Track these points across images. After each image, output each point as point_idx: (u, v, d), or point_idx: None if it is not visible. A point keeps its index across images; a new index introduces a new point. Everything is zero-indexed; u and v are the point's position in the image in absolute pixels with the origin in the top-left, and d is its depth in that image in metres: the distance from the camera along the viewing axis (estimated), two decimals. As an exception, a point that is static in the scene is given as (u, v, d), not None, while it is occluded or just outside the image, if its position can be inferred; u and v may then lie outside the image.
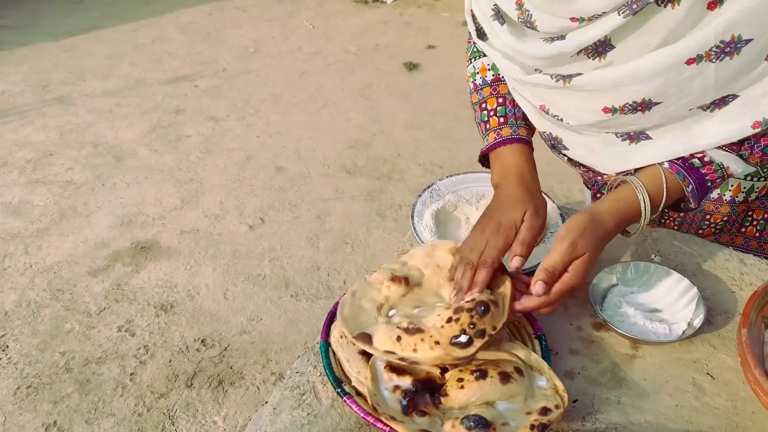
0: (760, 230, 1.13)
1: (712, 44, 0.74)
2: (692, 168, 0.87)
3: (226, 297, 2.55)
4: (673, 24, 0.74)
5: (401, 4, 6.16)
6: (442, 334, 0.80)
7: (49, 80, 4.56)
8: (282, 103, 4.23)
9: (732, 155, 0.87)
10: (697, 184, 0.87)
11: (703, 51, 0.75)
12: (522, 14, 0.84)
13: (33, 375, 2.20)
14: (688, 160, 0.88)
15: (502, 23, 0.89)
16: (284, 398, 0.84)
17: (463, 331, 0.80)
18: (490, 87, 1.09)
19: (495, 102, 1.07)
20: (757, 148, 0.86)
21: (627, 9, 0.73)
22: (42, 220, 3.04)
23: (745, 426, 0.80)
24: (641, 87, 0.80)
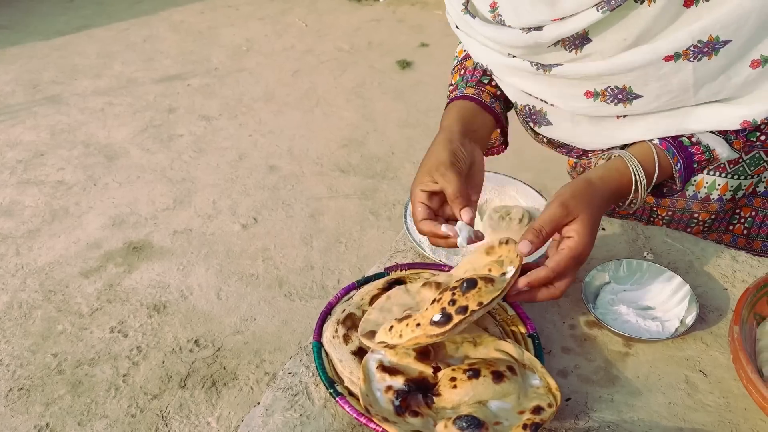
0: (747, 228, 1.14)
1: (689, 44, 0.75)
2: (681, 146, 0.87)
3: (219, 297, 2.55)
4: (649, 20, 0.75)
5: (394, 2, 6.16)
6: (424, 316, 0.79)
7: (40, 80, 4.53)
8: (275, 102, 4.22)
9: (719, 138, 0.87)
10: (684, 163, 0.87)
11: (680, 49, 0.76)
12: (495, 17, 0.83)
13: (25, 377, 2.19)
14: (677, 138, 0.87)
15: (474, 17, 0.89)
16: (277, 399, 0.84)
17: (443, 309, 0.78)
18: (459, 64, 1.08)
19: (457, 76, 1.06)
20: (742, 134, 0.87)
21: (605, 5, 0.73)
22: (33, 221, 3.02)
23: (737, 422, 0.80)
24: (620, 77, 0.81)
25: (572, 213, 0.80)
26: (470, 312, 0.76)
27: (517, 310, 0.95)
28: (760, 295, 0.89)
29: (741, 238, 1.16)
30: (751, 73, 0.78)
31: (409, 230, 1.12)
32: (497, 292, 0.79)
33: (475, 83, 1.01)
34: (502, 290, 0.80)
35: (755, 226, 1.13)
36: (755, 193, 1.10)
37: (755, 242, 1.15)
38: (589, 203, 0.81)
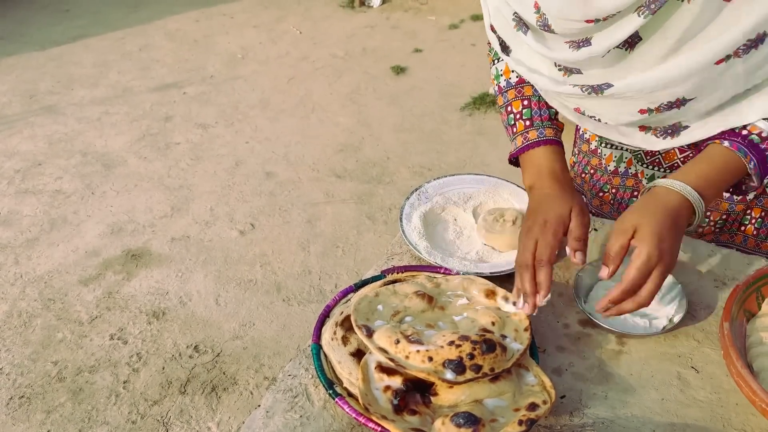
0: (757, 228, 1.14)
1: (740, 44, 0.76)
2: (753, 144, 0.86)
3: (218, 303, 2.56)
4: (691, 19, 0.75)
5: (388, 8, 6.19)
6: (438, 353, 0.79)
7: (36, 90, 4.54)
8: (270, 109, 4.24)
9: None
10: (758, 160, 0.86)
11: (731, 51, 0.77)
12: (540, 18, 0.84)
13: (25, 385, 2.20)
14: (747, 137, 0.87)
15: (526, 32, 0.89)
16: (277, 401, 0.85)
17: (459, 358, 0.79)
18: (515, 89, 1.09)
19: (520, 105, 1.08)
20: None
21: (645, 9, 0.74)
22: (32, 230, 3.03)
23: (728, 417, 0.82)
24: (674, 90, 0.82)
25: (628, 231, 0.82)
26: (482, 374, 0.78)
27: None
28: (749, 293, 0.91)
29: (751, 239, 1.16)
30: None
31: (405, 234, 1.13)
32: (508, 365, 0.81)
33: (549, 121, 1.06)
34: (511, 362, 0.82)
35: (765, 226, 1.14)
36: (765, 194, 1.11)
37: (764, 243, 1.16)
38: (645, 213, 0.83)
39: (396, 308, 0.89)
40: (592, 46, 0.81)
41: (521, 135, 1.06)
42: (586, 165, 1.31)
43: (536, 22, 0.85)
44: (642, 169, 1.19)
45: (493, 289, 0.94)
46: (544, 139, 1.04)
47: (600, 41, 0.81)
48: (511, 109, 1.09)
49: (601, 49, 0.81)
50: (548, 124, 1.06)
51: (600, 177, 1.29)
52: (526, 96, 1.08)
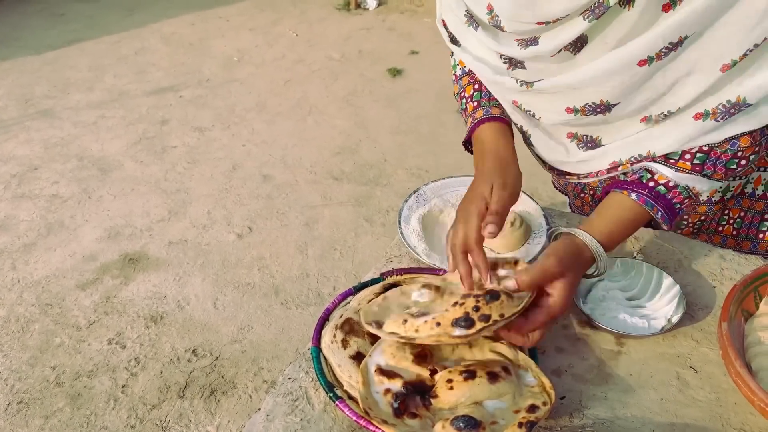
0: (736, 228, 1.16)
1: (660, 45, 0.78)
2: (659, 195, 0.90)
3: (216, 307, 2.56)
4: (629, 25, 0.78)
5: (384, 10, 6.19)
6: (444, 317, 0.81)
7: (32, 94, 4.54)
8: (267, 112, 4.24)
9: (695, 176, 0.90)
10: (666, 209, 0.90)
11: (653, 52, 0.79)
12: (492, 18, 0.87)
13: (23, 390, 2.19)
14: (653, 189, 0.91)
15: (477, 28, 0.93)
16: (277, 404, 0.85)
17: (466, 314, 0.80)
18: (468, 75, 1.12)
19: (471, 89, 1.10)
20: (720, 165, 0.89)
21: (590, 13, 0.77)
22: (29, 235, 3.02)
23: (727, 417, 0.82)
24: (598, 89, 0.85)
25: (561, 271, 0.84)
26: (492, 321, 0.79)
27: (511, 312, 0.97)
28: (747, 292, 0.92)
29: (730, 239, 1.17)
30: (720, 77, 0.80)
31: (404, 236, 1.14)
32: (517, 308, 0.81)
33: (496, 101, 1.07)
34: (522, 307, 0.82)
35: (744, 226, 1.15)
36: (743, 194, 1.12)
37: (744, 242, 1.17)
38: (574, 266, 0.85)
39: (406, 305, 0.89)
40: (539, 45, 0.84)
41: (470, 116, 1.08)
42: None
43: (489, 21, 0.88)
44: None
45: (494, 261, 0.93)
46: (489, 117, 1.05)
47: (546, 41, 0.83)
48: (464, 94, 1.11)
49: (548, 49, 0.84)
50: (495, 103, 1.07)
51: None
52: (477, 80, 1.10)
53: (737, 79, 0.81)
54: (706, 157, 0.88)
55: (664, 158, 0.91)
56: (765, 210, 1.13)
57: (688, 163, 0.89)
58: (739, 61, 0.78)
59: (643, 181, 0.92)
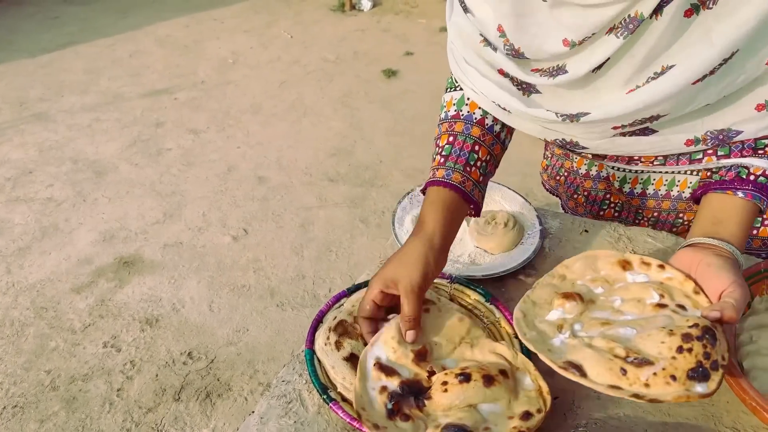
0: None
1: (716, 64, 0.76)
2: (762, 186, 0.88)
3: (211, 309, 2.55)
4: (657, 36, 0.75)
5: (378, 11, 6.20)
6: (676, 368, 0.70)
7: (26, 97, 4.53)
8: (262, 114, 4.23)
9: None
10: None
11: (708, 71, 0.77)
12: (506, 42, 0.83)
13: (18, 394, 2.19)
14: (755, 182, 0.88)
15: (495, 50, 0.88)
16: (271, 407, 0.85)
17: (699, 364, 0.70)
18: (447, 123, 1.05)
19: (445, 140, 1.03)
20: None
21: (624, 29, 0.74)
22: (23, 239, 3.01)
23: (720, 415, 0.82)
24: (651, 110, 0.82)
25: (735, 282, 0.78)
26: (721, 367, 0.70)
27: (504, 313, 0.97)
28: (739, 291, 0.92)
29: None
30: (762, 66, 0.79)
31: (398, 237, 1.14)
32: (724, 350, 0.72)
33: (463, 166, 0.99)
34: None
35: None
36: None
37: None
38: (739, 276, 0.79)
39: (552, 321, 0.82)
40: (569, 73, 0.81)
41: (432, 170, 1.01)
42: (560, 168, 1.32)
43: (503, 46, 0.84)
44: (613, 171, 1.20)
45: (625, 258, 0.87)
46: (445, 182, 0.97)
47: (576, 67, 0.80)
48: (438, 143, 1.05)
49: (578, 75, 0.81)
50: (459, 167, 0.99)
51: (573, 179, 1.30)
52: (453, 132, 1.03)
53: None
54: None
55: (753, 151, 0.89)
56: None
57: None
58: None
59: (743, 177, 0.89)
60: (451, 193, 0.97)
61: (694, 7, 0.74)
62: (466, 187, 0.98)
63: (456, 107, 1.05)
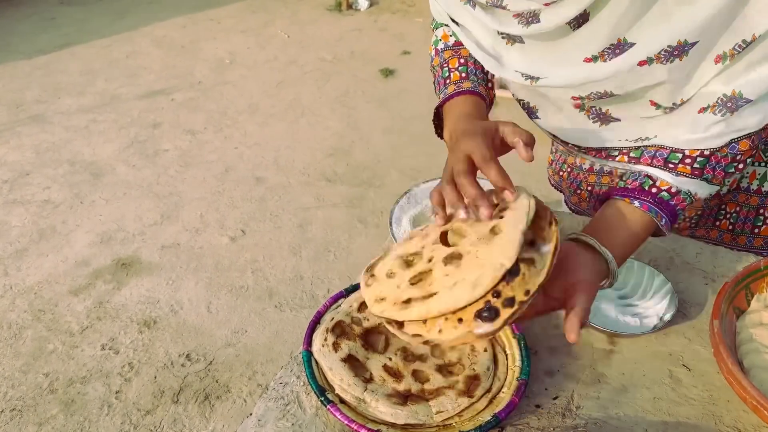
0: (732, 223, 1.16)
1: (662, 48, 0.78)
2: (663, 202, 0.88)
3: (209, 310, 2.54)
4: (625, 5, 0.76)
5: (375, 11, 6.19)
6: (465, 310, 0.68)
7: (23, 99, 4.51)
8: (259, 114, 4.23)
9: (696, 181, 0.88)
10: (669, 216, 0.88)
11: (653, 54, 0.79)
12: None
13: (16, 398, 2.18)
14: (656, 195, 0.88)
15: (474, 6, 0.90)
16: (269, 409, 0.85)
17: (487, 303, 0.67)
18: (452, 50, 1.08)
19: (456, 62, 1.05)
20: (719, 169, 0.87)
21: None
22: (20, 241, 3.00)
23: (720, 414, 0.82)
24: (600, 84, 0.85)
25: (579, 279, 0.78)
26: (518, 304, 0.67)
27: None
28: (739, 290, 0.91)
29: (727, 234, 1.17)
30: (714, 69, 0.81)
31: (395, 237, 1.13)
32: (542, 275, 0.69)
33: (484, 81, 1.03)
34: (547, 272, 0.69)
35: (740, 221, 1.15)
36: (739, 189, 1.12)
37: (740, 237, 1.17)
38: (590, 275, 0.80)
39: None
40: (541, 23, 0.82)
41: (455, 84, 1.01)
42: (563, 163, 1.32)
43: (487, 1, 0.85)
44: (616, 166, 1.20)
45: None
46: (476, 92, 0.99)
47: (548, 17, 0.81)
48: (447, 65, 1.06)
49: (550, 26, 0.82)
50: (482, 81, 1.03)
51: (576, 175, 1.30)
52: (463, 55, 1.06)
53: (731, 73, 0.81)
54: (707, 162, 0.87)
55: (663, 162, 0.89)
56: (760, 204, 1.13)
57: (689, 167, 0.88)
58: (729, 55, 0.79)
59: (645, 188, 0.89)
60: (482, 103, 0.99)
61: None
62: (488, 103, 1.01)
63: (454, 38, 1.07)
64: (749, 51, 0.79)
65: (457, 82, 1.02)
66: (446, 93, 1.01)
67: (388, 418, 0.80)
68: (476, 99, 0.99)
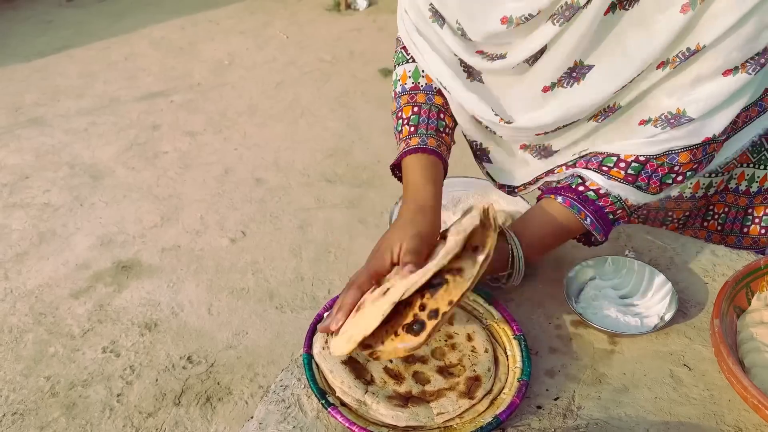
0: (721, 223, 1.16)
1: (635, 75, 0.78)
2: (587, 200, 0.87)
3: (210, 312, 2.54)
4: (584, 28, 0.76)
5: (374, 11, 6.19)
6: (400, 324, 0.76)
7: (22, 102, 4.51)
8: (259, 115, 4.22)
9: (628, 186, 0.87)
10: (595, 216, 0.87)
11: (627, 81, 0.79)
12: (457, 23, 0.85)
13: (18, 401, 2.18)
14: (582, 193, 0.87)
15: (442, 25, 0.88)
16: (269, 413, 0.85)
17: (415, 317, 0.74)
18: (408, 95, 1.05)
19: (410, 111, 1.03)
20: (655, 178, 0.87)
21: (560, 17, 0.74)
22: (21, 244, 3.00)
23: (721, 414, 0.82)
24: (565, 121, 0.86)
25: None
26: (441, 315, 0.73)
27: (503, 313, 0.96)
28: (739, 288, 0.92)
29: (716, 234, 1.17)
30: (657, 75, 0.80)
31: (394, 239, 1.13)
32: (467, 283, 0.75)
33: (435, 132, 1.01)
34: (472, 281, 0.75)
35: (728, 221, 1.15)
36: (727, 190, 1.12)
37: (729, 237, 1.17)
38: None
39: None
40: (507, 59, 0.82)
41: (404, 140, 1.02)
42: None
43: (455, 23, 0.85)
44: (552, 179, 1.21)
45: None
46: (423, 147, 0.98)
47: (515, 54, 0.81)
48: (401, 115, 1.05)
49: (516, 61, 0.81)
50: (432, 134, 1.00)
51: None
52: (417, 103, 1.04)
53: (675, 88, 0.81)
54: (642, 168, 0.86)
55: (598, 166, 0.88)
56: (748, 205, 1.13)
57: (622, 172, 0.87)
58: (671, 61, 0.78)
59: (572, 186, 0.89)
60: (431, 158, 0.98)
61: (611, 7, 0.74)
62: (442, 152, 1.00)
63: (412, 80, 1.05)
64: (695, 62, 0.77)
65: (407, 138, 1.01)
66: (399, 152, 1.02)
67: (389, 421, 0.80)
68: (421, 156, 0.98)
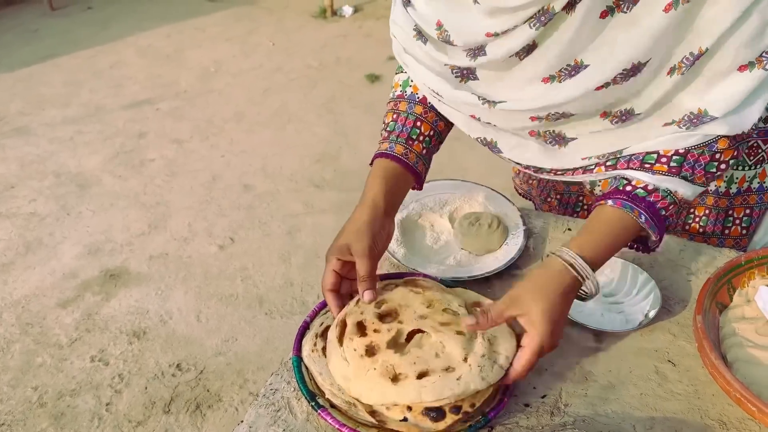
0: (702, 226, 1.17)
1: (617, 72, 0.79)
2: (638, 198, 0.86)
3: (199, 320, 2.54)
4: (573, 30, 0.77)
5: (360, 17, 6.21)
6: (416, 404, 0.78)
7: (6, 111, 4.48)
8: (246, 121, 4.22)
9: (675, 179, 0.86)
10: (648, 212, 0.85)
11: (610, 79, 0.79)
12: (441, 34, 0.86)
13: (5, 412, 2.16)
14: (631, 193, 0.87)
15: (425, 42, 0.91)
16: (260, 416, 0.85)
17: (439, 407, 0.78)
18: (393, 102, 1.10)
19: (390, 117, 1.08)
20: (699, 168, 0.86)
21: (536, 21, 0.77)
22: (7, 254, 2.98)
23: (706, 408, 0.83)
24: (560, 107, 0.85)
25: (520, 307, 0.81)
26: (462, 413, 0.77)
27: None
28: (721, 285, 0.93)
29: (698, 236, 1.18)
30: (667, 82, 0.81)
31: (382, 242, 1.14)
32: (488, 393, 0.80)
33: (405, 139, 1.04)
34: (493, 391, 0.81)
35: (710, 224, 1.16)
36: (707, 192, 1.13)
37: (711, 239, 1.18)
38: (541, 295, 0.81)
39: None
40: (487, 55, 0.84)
41: (378, 144, 1.07)
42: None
43: (437, 37, 0.87)
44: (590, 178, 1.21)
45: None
46: (388, 153, 1.03)
47: (494, 50, 0.83)
48: (384, 120, 1.10)
49: (497, 57, 0.83)
50: (402, 141, 1.04)
51: (546, 183, 1.32)
52: (398, 110, 1.08)
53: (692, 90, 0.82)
54: (683, 160, 0.85)
55: (640, 164, 0.88)
56: (729, 206, 1.14)
57: (665, 166, 0.86)
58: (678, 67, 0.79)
59: (620, 188, 0.88)
60: (393, 164, 1.03)
61: (609, 9, 0.76)
62: (409, 159, 1.04)
63: (401, 88, 1.11)
64: (704, 65, 0.79)
65: (380, 142, 1.07)
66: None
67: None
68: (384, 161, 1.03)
